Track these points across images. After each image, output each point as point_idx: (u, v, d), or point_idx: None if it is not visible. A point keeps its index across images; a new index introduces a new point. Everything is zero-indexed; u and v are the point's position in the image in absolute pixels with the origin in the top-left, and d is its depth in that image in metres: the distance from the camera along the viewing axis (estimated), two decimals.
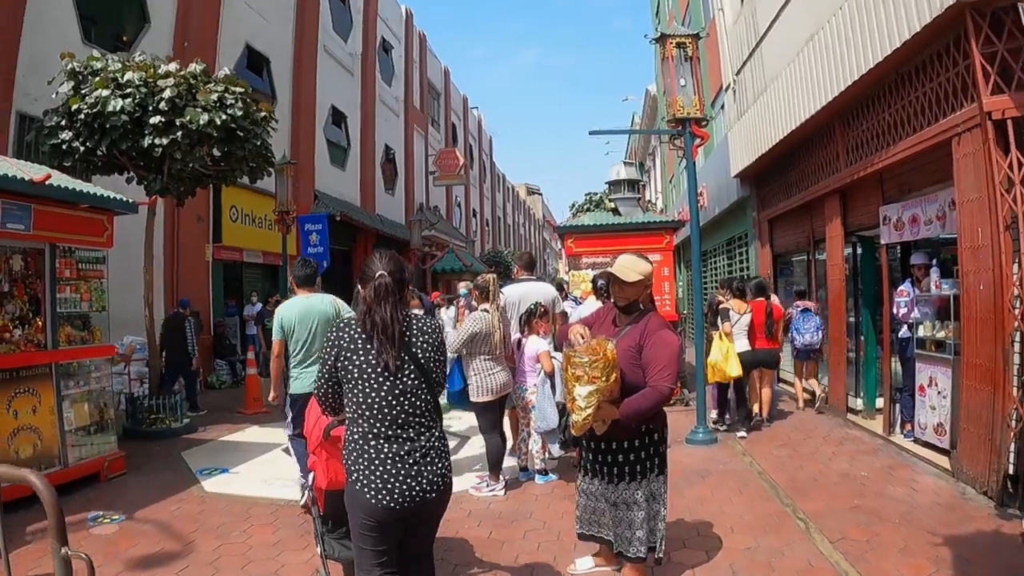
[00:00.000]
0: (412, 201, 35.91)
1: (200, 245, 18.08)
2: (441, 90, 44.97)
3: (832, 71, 9.78)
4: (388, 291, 3.39)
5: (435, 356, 3.52)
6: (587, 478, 4.75)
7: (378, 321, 3.34)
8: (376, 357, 3.35)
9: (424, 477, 3.34)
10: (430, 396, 3.47)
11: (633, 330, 4.48)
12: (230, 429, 11.63)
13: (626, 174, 14.80)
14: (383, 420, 3.33)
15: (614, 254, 12.60)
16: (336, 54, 27.38)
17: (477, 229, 54.46)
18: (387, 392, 3.33)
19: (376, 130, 31.17)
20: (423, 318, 3.59)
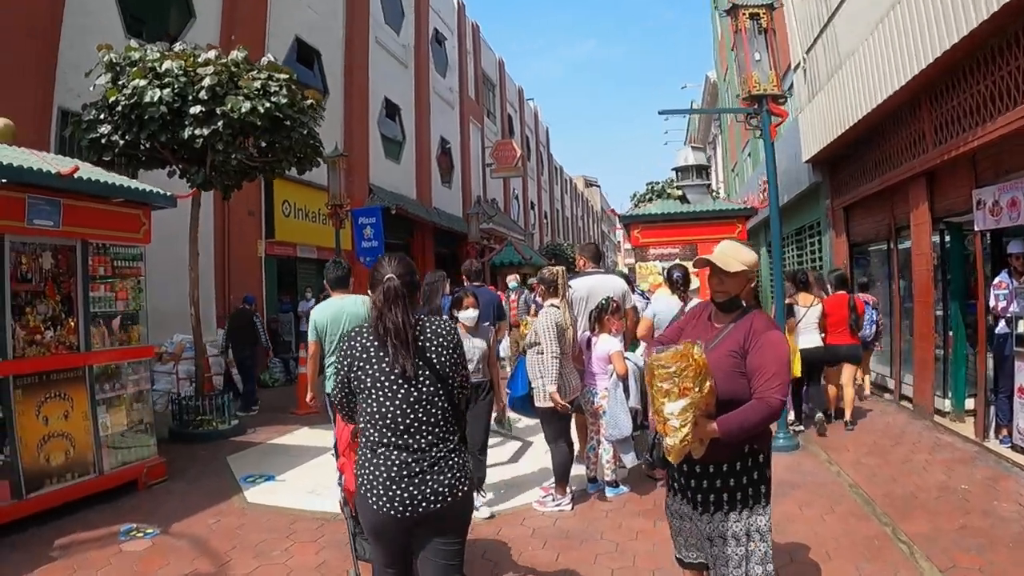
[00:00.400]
0: (469, 194, 35.56)
1: (252, 240, 17.78)
2: (496, 81, 44.50)
3: (918, 42, 8.92)
4: (398, 295, 3.27)
5: (451, 360, 3.38)
6: (676, 498, 3.88)
7: (390, 326, 3.23)
8: (390, 364, 3.24)
9: (428, 487, 3.19)
10: (447, 404, 3.33)
11: (735, 331, 3.63)
12: (280, 431, 11.19)
13: (694, 159, 14.09)
14: (395, 429, 3.22)
15: (683, 244, 12.03)
16: (388, 46, 26.99)
17: (535, 222, 53.89)
18: (402, 400, 3.23)
19: (431, 122, 30.80)
20: (436, 320, 3.46)
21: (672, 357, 3.36)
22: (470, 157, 36.61)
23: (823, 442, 9.11)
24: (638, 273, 13.07)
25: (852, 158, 13.45)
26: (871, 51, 10.68)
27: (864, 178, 12.90)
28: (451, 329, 3.45)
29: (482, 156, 39.09)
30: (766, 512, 3.62)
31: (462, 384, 3.47)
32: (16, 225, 6.85)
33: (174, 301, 12.89)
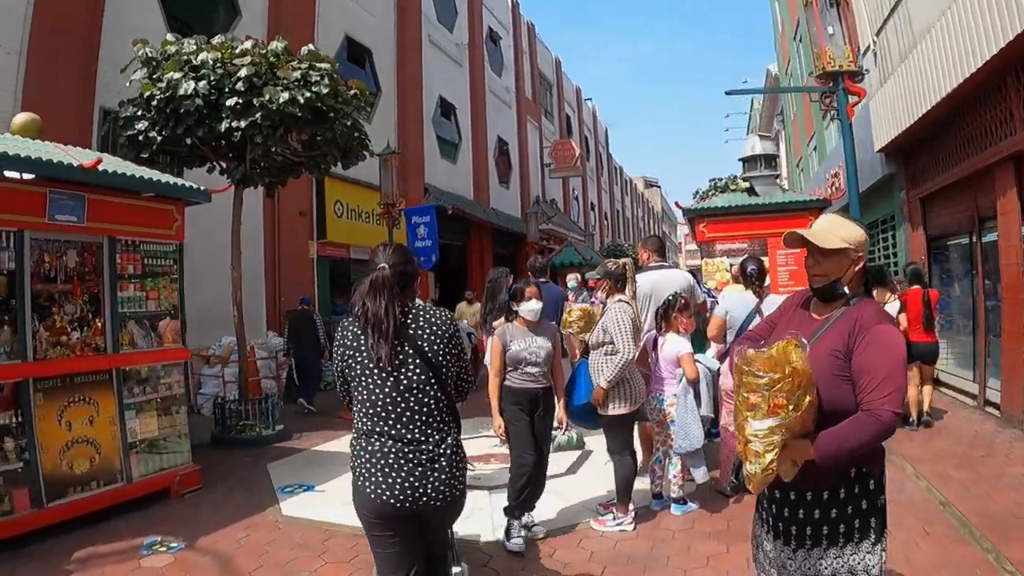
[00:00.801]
0: (528, 194, 35.06)
1: (303, 241, 17.47)
2: (553, 81, 44.01)
3: (1003, 12, 8.11)
4: (384, 284, 3.24)
5: (445, 349, 3.34)
6: (763, 529, 3.10)
7: (371, 316, 3.21)
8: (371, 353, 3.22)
9: (430, 484, 3.21)
10: (441, 394, 3.32)
11: (838, 325, 2.84)
12: (326, 437, 10.75)
13: (761, 148, 13.38)
14: (386, 418, 3.23)
15: (751, 239, 11.34)
16: (442, 44, 26.68)
17: (596, 223, 53.22)
18: (391, 388, 3.22)
19: (488, 122, 30.41)
20: (432, 309, 3.44)
21: (765, 364, 2.63)
22: (528, 157, 36.13)
23: (905, 451, 8.29)
24: (704, 270, 12.41)
25: (929, 145, 12.55)
26: (949, 26, 9.85)
27: (943, 166, 12.02)
28: (446, 319, 3.41)
29: (540, 156, 38.54)
30: (876, 551, 2.83)
31: (459, 376, 3.48)
32: (36, 221, 6.51)
33: (221, 302, 12.61)
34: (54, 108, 9.91)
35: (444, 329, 3.36)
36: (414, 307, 3.35)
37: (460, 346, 3.45)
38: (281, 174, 10.82)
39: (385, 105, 21.75)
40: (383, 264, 3.28)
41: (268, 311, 16.03)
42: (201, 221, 10.46)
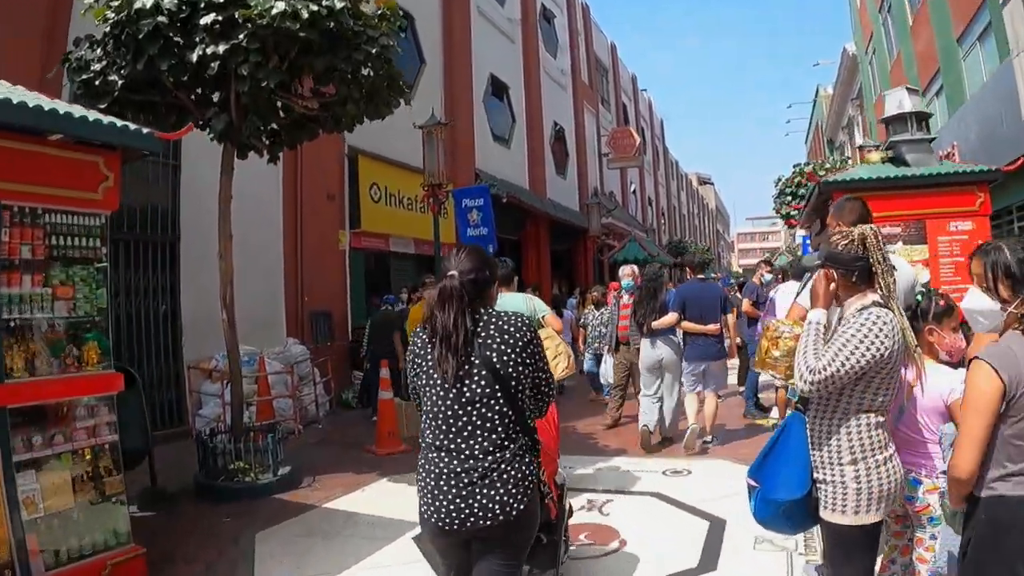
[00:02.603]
0: (586, 186, 32.36)
1: (332, 230, 14.78)
2: (609, 66, 41.46)
3: None
4: (453, 295, 3.03)
5: (518, 359, 3.03)
6: None
7: (439, 328, 3.01)
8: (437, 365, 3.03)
9: (477, 501, 2.91)
10: (507, 408, 3.01)
11: None
12: (347, 484, 8.03)
13: (911, 104, 10.43)
14: (447, 432, 3.01)
15: (906, 220, 8.56)
16: (492, 17, 24.10)
17: (653, 218, 50.30)
18: (452, 400, 3.00)
19: (544, 105, 27.69)
20: (507, 315, 3.12)
21: None
22: (585, 145, 33.37)
23: None
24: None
25: None
26: None
27: None
28: (522, 326, 3.09)
29: (598, 145, 35.73)
30: None
31: (538, 387, 3.16)
32: None
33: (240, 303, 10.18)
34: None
35: (519, 337, 3.04)
36: (486, 314, 3.09)
37: (537, 355, 3.11)
38: (288, 132, 8.13)
39: (430, 78, 19.11)
40: (452, 272, 3.07)
41: (288, 313, 13.41)
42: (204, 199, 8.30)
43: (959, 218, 9.16)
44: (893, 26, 24.85)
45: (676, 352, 9.21)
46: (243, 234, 10.64)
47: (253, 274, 12.14)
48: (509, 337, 3.05)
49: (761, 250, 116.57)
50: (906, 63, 23.19)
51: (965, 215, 9.30)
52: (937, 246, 9.23)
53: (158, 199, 11.25)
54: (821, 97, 49.29)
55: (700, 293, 9.35)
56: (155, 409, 10.65)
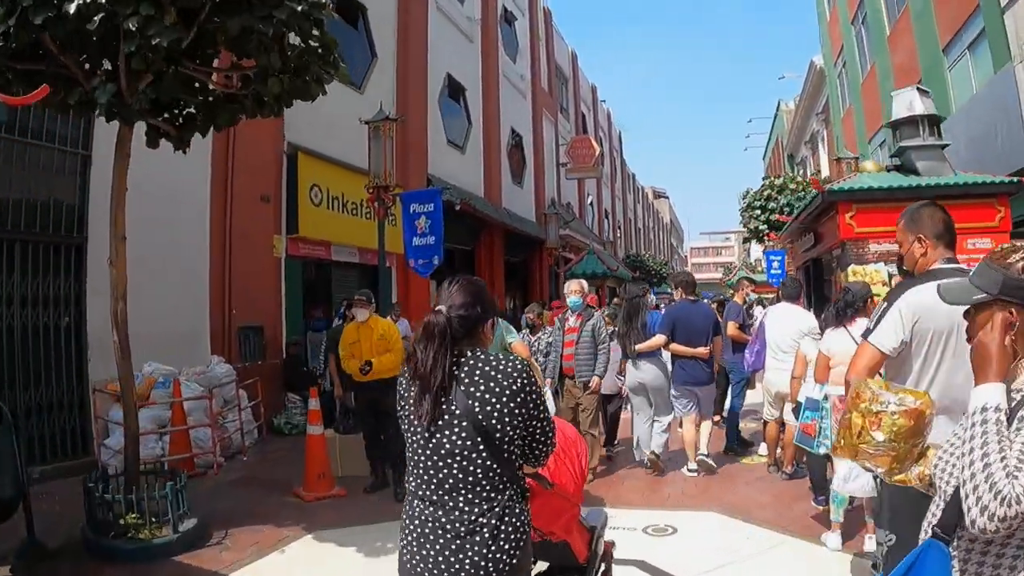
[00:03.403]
0: (543, 196, 31.19)
1: (266, 235, 13.25)
2: (569, 75, 40.60)
3: None
4: (437, 332, 2.77)
5: (504, 408, 2.71)
6: None
7: (419, 367, 2.75)
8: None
9: (467, 557, 2.65)
10: (491, 462, 2.70)
11: None
12: (265, 541, 6.58)
13: (922, 107, 9.32)
14: (428, 482, 2.75)
15: None
16: (451, 14, 22.79)
17: (610, 231, 49.32)
18: (431, 451, 2.73)
19: (501, 110, 26.46)
20: (496, 357, 2.80)
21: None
22: (543, 154, 32.18)
23: None
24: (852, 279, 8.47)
25: None
26: None
27: None
28: (511, 370, 2.75)
29: (556, 154, 34.55)
30: None
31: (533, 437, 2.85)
32: None
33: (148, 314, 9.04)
34: None
35: (506, 384, 2.71)
36: (473, 356, 2.78)
37: (530, 403, 2.77)
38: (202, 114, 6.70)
39: (382, 74, 17.70)
40: (440, 306, 2.85)
41: (214, 327, 11.90)
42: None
43: (977, 235, 8.13)
44: (868, 38, 24.17)
45: (663, 374, 8.76)
46: (162, 237, 10.18)
47: (173, 282, 10.85)
48: (495, 384, 2.74)
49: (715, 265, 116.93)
50: (881, 76, 22.52)
51: (983, 231, 8.25)
52: None
53: (62, 194, 9.71)
54: (783, 112, 48.71)
55: (691, 315, 8.79)
56: (54, 437, 9.43)
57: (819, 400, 6.19)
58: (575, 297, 8.71)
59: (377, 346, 8.18)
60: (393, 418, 9.15)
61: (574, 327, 8.54)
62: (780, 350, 8.35)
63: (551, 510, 3.45)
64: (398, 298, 17.15)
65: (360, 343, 8.27)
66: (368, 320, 8.36)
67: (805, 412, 6.45)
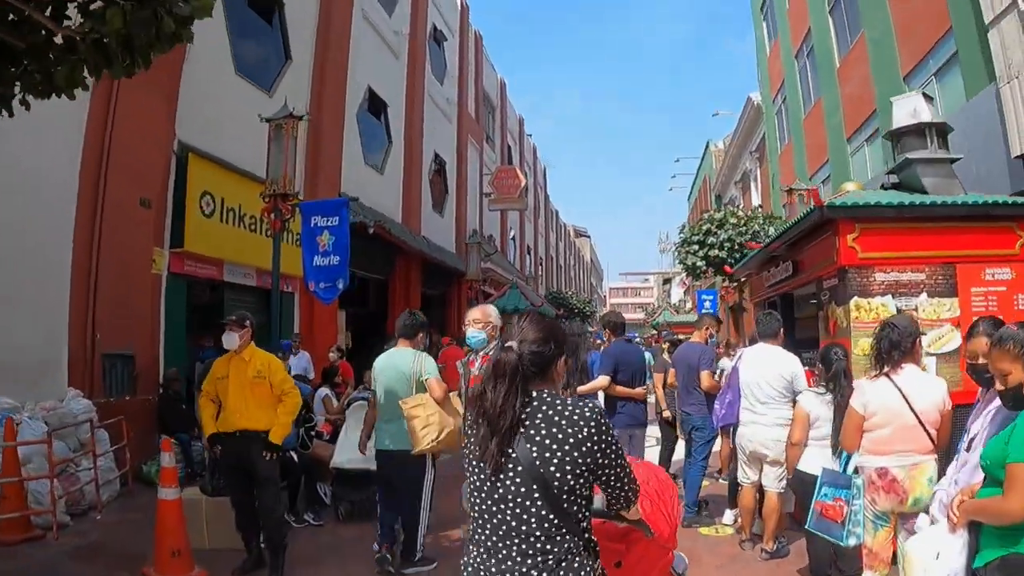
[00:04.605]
0: (464, 226, 29.64)
1: (145, 247, 11.26)
2: (497, 104, 39.44)
3: None
4: (507, 370, 2.64)
5: (566, 457, 2.54)
6: None
7: (488, 407, 2.63)
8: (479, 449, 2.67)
9: None
10: (549, 513, 2.55)
11: None
12: None
13: (929, 114, 8.03)
14: (484, 527, 2.66)
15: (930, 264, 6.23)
16: (377, 24, 21.20)
17: (531, 267, 48.07)
18: (487, 494, 2.65)
19: (424, 132, 24.88)
20: (564, 402, 2.64)
21: None
22: (467, 183, 30.72)
23: None
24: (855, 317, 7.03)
25: None
26: None
27: None
28: (578, 418, 2.58)
29: (480, 184, 33.19)
30: None
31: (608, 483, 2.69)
32: None
33: None
34: None
35: (572, 433, 2.55)
36: (539, 397, 2.66)
37: (598, 453, 2.57)
38: (28, 65, 4.93)
39: (296, 78, 16.00)
40: (511, 343, 2.72)
41: (73, 355, 9.96)
42: None
43: (995, 263, 6.95)
44: (814, 71, 23.52)
45: None
46: (8, 241, 8.92)
47: (23, 298, 9.13)
48: (559, 431, 2.57)
49: (633, 305, 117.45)
50: (828, 109, 21.81)
51: (1003, 260, 6.98)
52: (971, 300, 7.01)
53: None
54: (711, 152, 48.33)
55: (629, 355, 8.27)
56: None
57: (847, 475, 4.96)
58: (477, 332, 6.14)
59: (251, 388, 6.40)
60: (269, 484, 6.62)
61: (479, 375, 5.58)
62: (757, 400, 6.97)
63: (650, 559, 3.28)
64: (299, 328, 15.33)
65: (228, 380, 6.42)
66: (243, 351, 6.52)
67: (823, 489, 5.09)
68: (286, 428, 6.51)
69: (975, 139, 11.44)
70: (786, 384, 6.81)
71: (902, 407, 4.67)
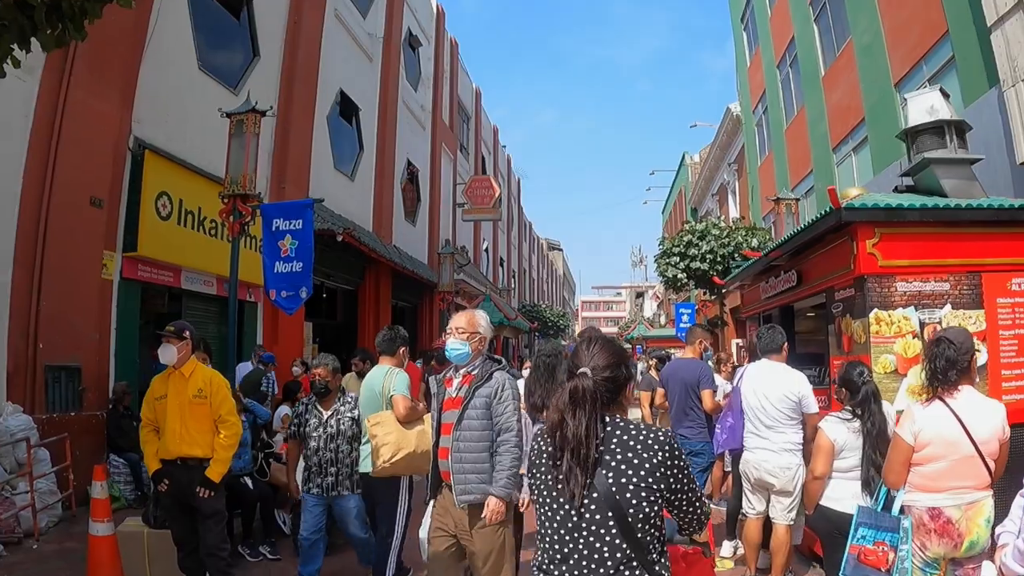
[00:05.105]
0: (437, 237, 28.93)
1: (94, 250, 10.43)
2: (471, 113, 38.89)
3: None
4: (586, 397, 2.57)
5: (642, 483, 2.53)
6: None
7: (570, 437, 2.55)
8: (558, 479, 2.60)
9: None
10: (621, 541, 2.50)
11: None
12: None
13: (948, 111, 7.43)
14: (553, 557, 2.62)
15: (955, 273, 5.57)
16: (350, 26, 20.53)
17: (504, 279, 47.40)
18: (559, 524, 2.60)
19: (397, 138, 24.16)
20: (637, 427, 2.64)
21: None
22: (440, 193, 30.03)
23: None
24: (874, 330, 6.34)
25: None
26: None
27: None
28: (652, 442, 2.57)
29: (453, 194, 32.48)
30: None
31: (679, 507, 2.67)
32: None
33: None
34: None
35: (647, 457, 2.54)
36: (612, 422, 2.63)
37: (671, 479, 2.57)
38: None
39: (264, 76, 15.22)
40: (584, 369, 2.65)
41: (13, 366, 9.14)
42: None
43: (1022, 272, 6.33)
44: (797, 80, 23.04)
45: None
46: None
47: None
48: (634, 456, 2.55)
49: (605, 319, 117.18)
50: (812, 118, 21.32)
51: None
52: (996, 312, 6.34)
53: None
54: (687, 164, 47.91)
55: None
56: None
57: (893, 516, 4.26)
58: (457, 342, 4.82)
59: (192, 409, 5.63)
60: (214, 521, 5.56)
61: (456, 398, 4.80)
62: (762, 424, 6.30)
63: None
64: (263, 340, 14.52)
65: (167, 401, 5.65)
66: (182, 366, 5.74)
67: (860, 530, 4.41)
68: (225, 463, 5.70)
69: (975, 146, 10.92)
70: (793, 405, 6.14)
71: (960, 436, 4.03)
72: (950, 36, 12.83)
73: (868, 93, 16.74)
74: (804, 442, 6.14)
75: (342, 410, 6.51)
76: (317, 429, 6.36)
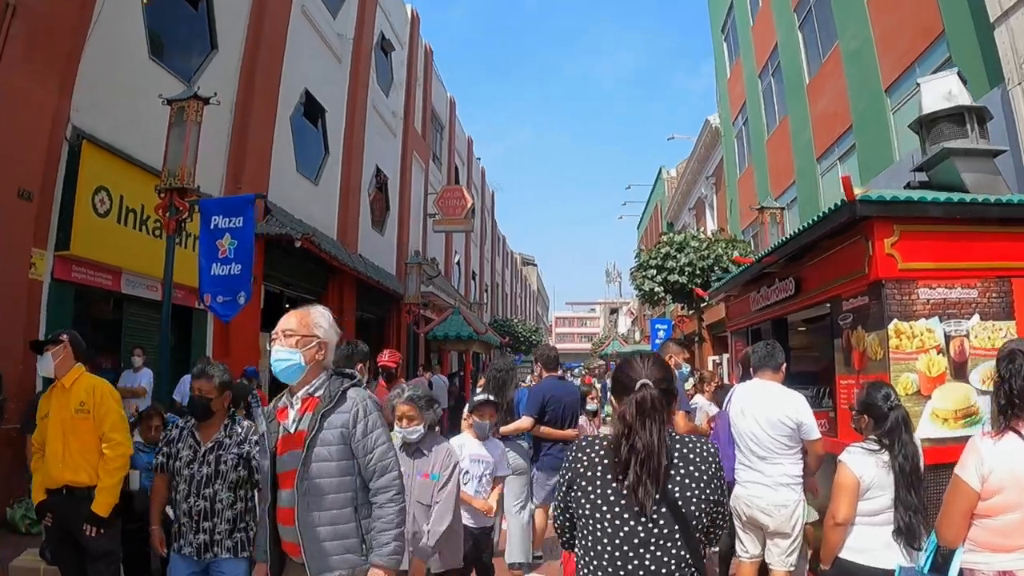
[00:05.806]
0: (406, 247, 27.90)
1: (22, 246, 9.48)
2: (445, 122, 38.36)
3: None
4: (656, 407, 2.56)
5: (701, 494, 2.57)
6: None
7: (640, 448, 2.50)
8: (619, 492, 2.55)
9: None
10: (686, 553, 2.51)
11: None
12: None
13: (967, 97, 6.74)
14: (614, 573, 2.50)
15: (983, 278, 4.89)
16: (319, 24, 19.76)
17: (476, 293, 46.56)
18: (624, 539, 2.51)
19: (366, 144, 23.34)
20: (689, 440, 2.69)
21: None
22: (410, 202, 29.13)
23: None
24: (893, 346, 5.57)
25: None
26: None
27: None
28: (707, 454, 2.64)
29: (424, 204, 31.69)
30: None
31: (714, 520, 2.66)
32: None
33: None
34: None
35: (704, 469, 2.59)
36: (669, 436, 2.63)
37: (719, 490, 2.63)
38: None
39: (222, 70, 14.38)
40: (645, 381, 2.61)
41: None
42: None
43: None
44: (780, 89, 22.55)
45: (524, 460, 7.40)
46: None
47: None
48: (694, 468, 2.59)
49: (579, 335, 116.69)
50: (796, 128, 20.76)
51: None
52: None
53: None
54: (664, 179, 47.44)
55: (561, 393, 7.65)
56: None
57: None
58: (284, 350, 3.63)
59: (73, 426, 4.83)
60: (104, 563, 4.90)
61: (296, 434, 3.57)
62: (754, 454, 5.48)
63: None
64: (212, 352, 13.56)
65: (50, 420, 4.86)
66: (64, 377, 4.95)
67: None
68: (112, 493, 4.79)
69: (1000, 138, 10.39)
70: (790, 432, 5.29)
71: None
72: (946, 37, 12.27)
73: (856, 99, 16.21)
74: (805, 475, 5.34)
75: (227, 443, 4.61)
76: (190, 465, 4.50)
